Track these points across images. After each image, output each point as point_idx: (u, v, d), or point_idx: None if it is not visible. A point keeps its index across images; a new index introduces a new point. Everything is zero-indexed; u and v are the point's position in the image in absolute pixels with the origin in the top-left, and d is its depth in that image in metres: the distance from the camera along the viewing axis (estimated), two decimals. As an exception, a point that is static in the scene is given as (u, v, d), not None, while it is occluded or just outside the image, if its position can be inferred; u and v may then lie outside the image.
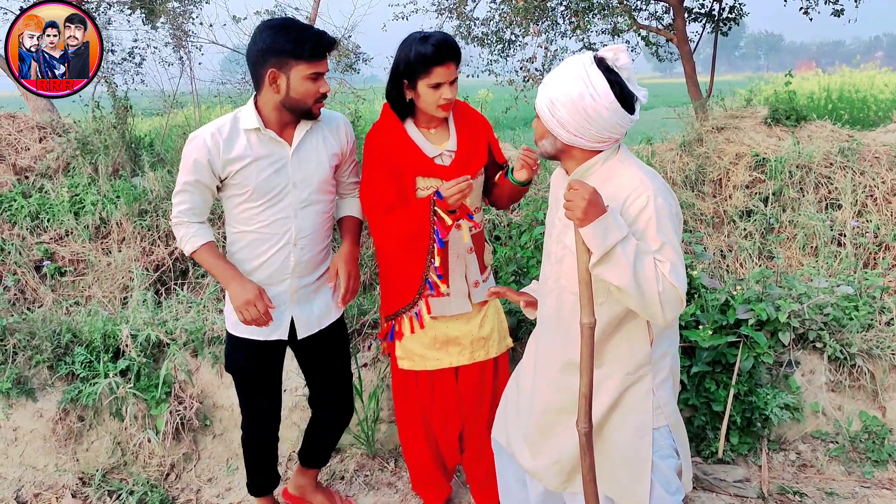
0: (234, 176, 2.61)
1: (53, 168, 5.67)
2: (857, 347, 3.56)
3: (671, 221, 2.13)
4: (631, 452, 2.29)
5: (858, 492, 3.31)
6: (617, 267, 2.06)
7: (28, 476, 3.55)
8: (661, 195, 2.14)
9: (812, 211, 5.24)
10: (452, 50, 2.62)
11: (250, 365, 2.85)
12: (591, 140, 2.19)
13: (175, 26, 8.57)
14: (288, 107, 2.59)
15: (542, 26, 8.74)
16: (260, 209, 2.67)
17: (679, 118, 7.04)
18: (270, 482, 3.15)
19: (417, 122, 2.80)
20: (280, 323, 2.79)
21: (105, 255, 4.98)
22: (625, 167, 2.22)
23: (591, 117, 2.13)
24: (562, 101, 2.14)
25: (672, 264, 2.07)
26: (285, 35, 2.47)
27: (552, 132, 2.21)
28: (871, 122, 10.64)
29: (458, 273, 2.85)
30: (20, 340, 3.63)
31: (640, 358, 2.28)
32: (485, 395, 3.00)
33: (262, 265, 2.73)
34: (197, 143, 2.58)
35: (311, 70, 2.51)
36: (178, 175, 2.66)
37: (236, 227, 2.73)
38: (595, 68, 2.12)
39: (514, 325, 3.62)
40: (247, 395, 2.94)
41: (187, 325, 3.75)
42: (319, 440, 3.15)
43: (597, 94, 2.10)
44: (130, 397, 3.52)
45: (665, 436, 2.31)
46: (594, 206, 2.06)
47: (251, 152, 2.61)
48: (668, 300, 2.06)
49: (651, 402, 2.28)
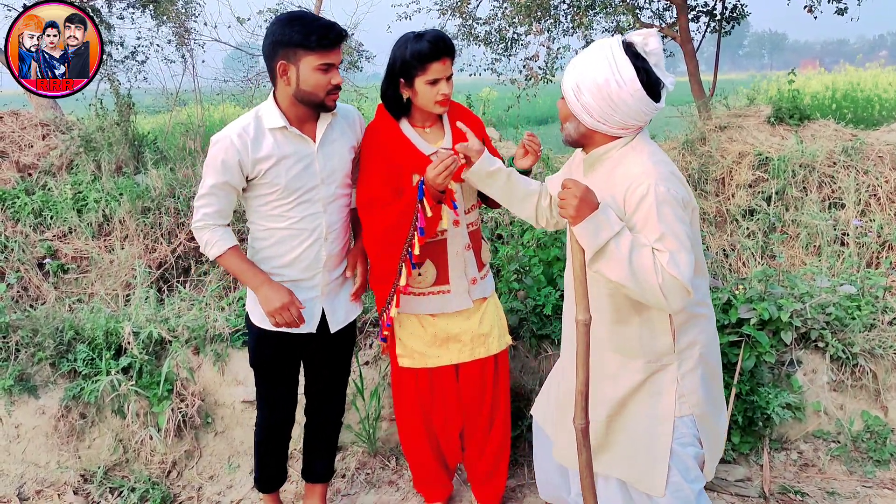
0: (264, 175, 2.59)
1: (57, 165, 5.68)
2: (860, 347, 3.56)
3: (674, 210, 2.10)
4: (650, 438, 2.30)
5: (860, 491, 3.31)
6: (612, 262, 2.07)
7: (30, 473, 3.56)
8: (663, 183, 2.12)
9: (815, 210, 5.23)
10: (447, 45, 2.63)
11: (277, 358, 2.85)
12: (615, 126, 2.19)
13: (178, 24, 8.58)
14: (300, 99, 2.57)
15: (544, 24, 8.73)
16: (291, 206, 2.67)
17: (682, 117, 7.04)
18: (279, 478, 3.13)
19: (413, 122, 2.81)
20: (312, 316, 2.80)
21: (108, 253, 4.99)
22: (634, 154, 2.21)
23: (615, 104, 2.12)
24: (587, 85, 2.13)
25: (671, 254, 2.05)
26: (294, 26, 2.47)
27: (576, 116, 2.21)
28: (875, 122, 10.61)
29: (458, 270, 2.85)
30: (23, 337, 3.64)
31: (661, 346, 2.29)
32: (485, 393, 3.00)
33: (294, 260, 2.73)
34: (224, 145, 2.55)
35: (320, 60, 2.49)
36: (204, 178, 2.62)
37: (264, 224, 2.71)
38: (623, 54, 2.10)
39: (515, 324, 3.62)
40: (268, 387, 2.92)
41: (189, 322, 3.75)
42: (316, 444, 3.13)
43: (623, 80, 2.09)
44: (132, 394, 3.52)
45: (688, 424, 2.31)
46: (586, 204, 2.07)
47: (278, 151, 2.60)
48: (671, 290, 2.05)
49: (675, 390, 2.29)
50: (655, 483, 2.29)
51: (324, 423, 3.11)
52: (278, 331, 2.75)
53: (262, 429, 3.00)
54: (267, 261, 2.73)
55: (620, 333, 2.32)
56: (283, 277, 2.72)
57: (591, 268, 2.12)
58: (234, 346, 3.71)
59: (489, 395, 3.00)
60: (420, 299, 2.87)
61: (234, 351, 3.71)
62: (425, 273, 2.84)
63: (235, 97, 8.90)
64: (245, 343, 3.70)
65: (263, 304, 2.64)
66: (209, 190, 2.61)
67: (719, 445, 2.45)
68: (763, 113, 6.37)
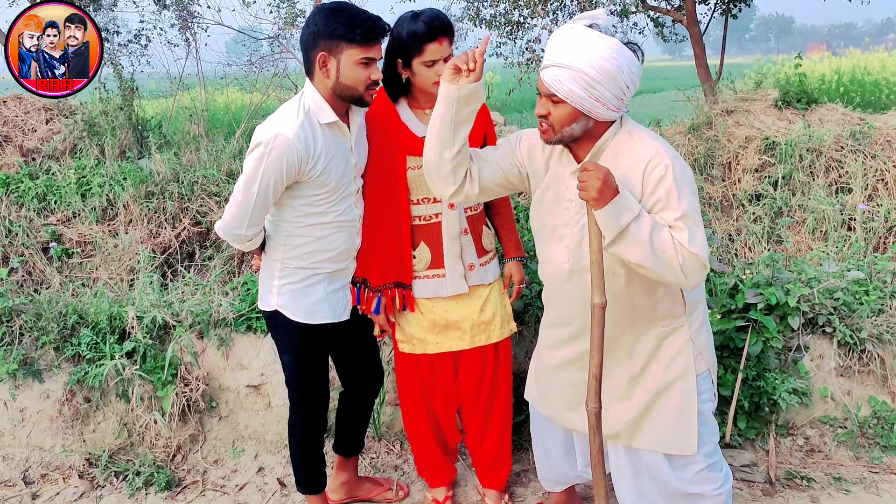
0: (319, 175, 2.51)
1: (60, 150, 5.66)
2: (867, 332, 3.53)
3: (691, 187, 2.16)
4: (679, 402, 2.36)
5: (867, 477, 3.29)
6: (633, 245, 2.09)
7: (35, 457, 3.56)
8: (678, 163, 2.17)
9: (822, 195, 5.19)
10: (445, 25, 2.57)
11: (320, 352, 2.83)
12: (622, 108, 2.22)
13: (181, 7, 8.52)
14: (339, 93, 2.49)
15: (550, 7, 8.66)
16: (335, 201, 2.62)
17: (688, 101, 6.98)
18: (324, 473, 3.06)
19: (413, 103, 2.78)
20: (347, 303, 2.81)
21: (112, 237, 4.98)
22: (636, 138, 2.24)
23: (626, 86, 2.16)
24: (601, 80, 2.12)
25: (690, 232, 2.09)
26: (337, 18, 2.39)
27: (589, 113, 2.18)
28: (883, 105, 10.52)
29: (453, 254, 2.83)
30: (27, 322, 3.63)
31: (675, 310, 2.36)
32: (485, 379, 2.99)
33: (339, 253, 2.71)
34: (285, 146, 2.40)
35: (362, 55, 2.42)
36: (252, 183, 2.44)
37: (304, 221, 2.62)
38: (612, 39, 2.13)
39: (520, 309, 3.60)
40: (311, 384, 2.84)
41: (193, 307, 3.74)
42: (356, 417, 3.12)
43: (630, 62, 2.14)
44: (137, 379, 3.52)
45: (706, 380, 2.40)
46: (608, 187, 2.07)
47: (330, 149, 2.53)
48: (691, 268, 2.09)
49: (691, 349, 2.36)
50: (689, 442, 2.36)
51: (364, 393, 3.11)
52: (320, 324, 2.72)
53: (305, 429, 2.90)
54: (307, 256, 2.66)
55: (639, 305, 2.35)
56: (320, 270, 2.69)
57: (610, 250, 2.13)
58: (237, 330, 3.70)
59: (489, 381, 2.99)
60: (415, 282, 2.85)
61: (238, 335, 3.71)
62: (420, 256, 2.82)
63: (239, 81, 8.84)
64: (249, 327, 3.69)
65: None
66: (262, 196, 2.46)
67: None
68: (770, 97, 6.32)
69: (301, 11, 8.37)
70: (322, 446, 2.99)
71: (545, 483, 2.97)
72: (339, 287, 2.76)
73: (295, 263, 2.67)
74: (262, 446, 3.66)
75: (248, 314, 3.71)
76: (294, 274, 2.67)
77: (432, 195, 2.76)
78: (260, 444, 3.67)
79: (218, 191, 5.21)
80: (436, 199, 2.79)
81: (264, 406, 3.67)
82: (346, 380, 3.07)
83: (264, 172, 2.43)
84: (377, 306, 2.84)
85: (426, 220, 2.81)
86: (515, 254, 3.03)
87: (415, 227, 2.82)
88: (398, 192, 2.76)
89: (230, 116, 8.38)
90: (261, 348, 3.68)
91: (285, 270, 2.68)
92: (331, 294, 2.73)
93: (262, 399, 3.67)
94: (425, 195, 2.79)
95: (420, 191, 2.78)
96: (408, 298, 2.84)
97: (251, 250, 2.70)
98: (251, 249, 2.68)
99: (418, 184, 2.76)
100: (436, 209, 2.80)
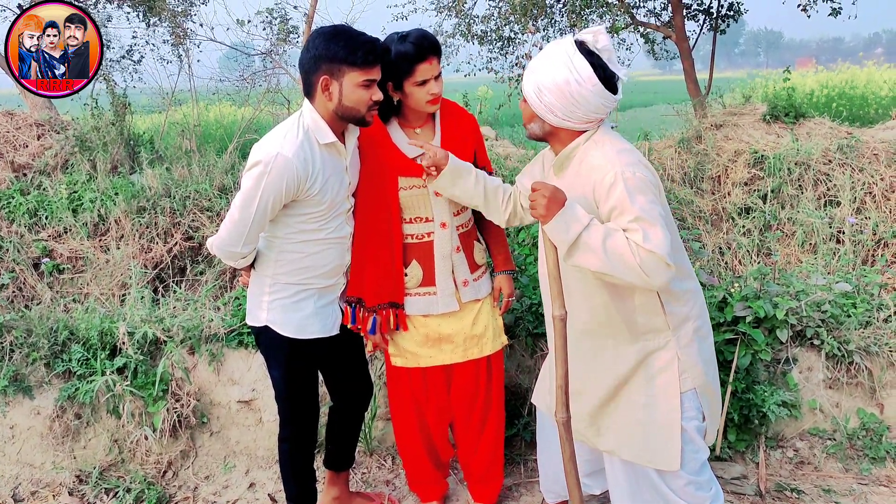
0: (317, 194, 2.54)
1: (52, 165, 5.67)
2: (855, 344, 3.56)
3: (644, 192, 2.18)
4: (661, 417, 2.37)
5: (856, 489, 3.31)
6: (587, 254, 2.15)
7: (25, 474, 3.55)
8: (629, 169, 2.20)
9: (811, 208, 5.24)
10: (432, 45, 2.60)
11: (309, 367, 2.84)
12: (579, 122, 2.28)
13: (174, 24, 8.55)
14: (341, 115, 2.53)
15: (540, 24, 8.73)
16: (329, 218, 2.64)
17: (678, 115, 7.05)
18: (315, 491, 3.07)
19: (404, 123, 2.80)
20: (336, 318, 2.82)
21: (103, 253, 4.98)
22: (597, 148, 2.30)
23: (577, 101, 2.22)
24: (548, 86, 2.23)
25: (644, 232, 2.11)
26: (338, 41, 2.43)
27: (541, 116, 2.31)
28: (871, 119, 10.62)
29: (444, 273, 2.85)
30: (17, 337, 3.63)
31: (656, 324, 2.35)
32: (478, 392, 3.00)
33: (330, 269, 2.73)
34: (285, 166, 2.42)
35: (363, 77, 2.45)
36: (251, 201, 2.45)
37: (297, 238, 2.64)
38: (578, 54, 2.21)
39: (511, 322, 3.62)
40: (300, 399, 2.86)
41: (184, 322, 3.74)
42: (346, 431, 3.12)
43: (582, 78, 2.19)
44: (127, 395, 3.51)
45: (691, 398, 2.38)
46: (555, 202, 2.17)
47: (327, 168, 2.56)
48: (651, 267, 2.10)
49: (677, 367, 2.36)
50: (671, 458, 2.36)
51: (354, 406, 3.10)
52: (309, 339, 2.73)
53: (295, 443, 2.91)
54: (299, 272, 2.68)
55: (612, 316, 2.37)
56: (311, 286, 2.71)
57: (567, 262, 2.20)
58: (229, 345, 3.70)
59: (482, 394, 3.00)
60: (406, 299, 2.86)
61: (230, 351, 3.71)
62: (412, 273, 2.83)
63: (231, 97, 8.87)
64: (241, 343, 3.69)
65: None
66: (261, 215, 2.48)
67: (718, 407, 2.56)
68: (759, 111, 6.38)
69: (294, 28, 8.41)
70: (312, 461, 2.99)
71: (547, 495, 2.98)
72: (328, 302, 2.78)
73: (286, 279, 2.68)
74: (254, 462, 3.66)
75: (240, 329, 3.71)
76: (285, 289, 2.68)
77: (424, 214, 2.79)
78: (251, 460, 3.66)
79: (210, 206, 5.22)
80: (428, 218, 2.81)
81: (255, 421, 3.67)
82: (336, 393, 3.07)
83: (264, 191, 2.44)
84: (373, 326, 2.85)
85: (418, 238, 2.83)
86: (505, 267, 3.05)
87: (407, 245, 2.83)
88: (391, 212, 2.77)
89: (222, 131, 8.40)
90: (252, 363, 3.68)
91: (276, 286, 2.69)
92: (320, 309, 2.74)
93: (254, 414, 3.67)
94: (417, 214, 2.81)
95: (412, 210, 2.80)
96: (401, 318, 2.85)
97: (242, 268, 2.71)
98: (242, 267, 2.70)
99: (410, 203, 2.78)
100: (428, 228, 2.82)
